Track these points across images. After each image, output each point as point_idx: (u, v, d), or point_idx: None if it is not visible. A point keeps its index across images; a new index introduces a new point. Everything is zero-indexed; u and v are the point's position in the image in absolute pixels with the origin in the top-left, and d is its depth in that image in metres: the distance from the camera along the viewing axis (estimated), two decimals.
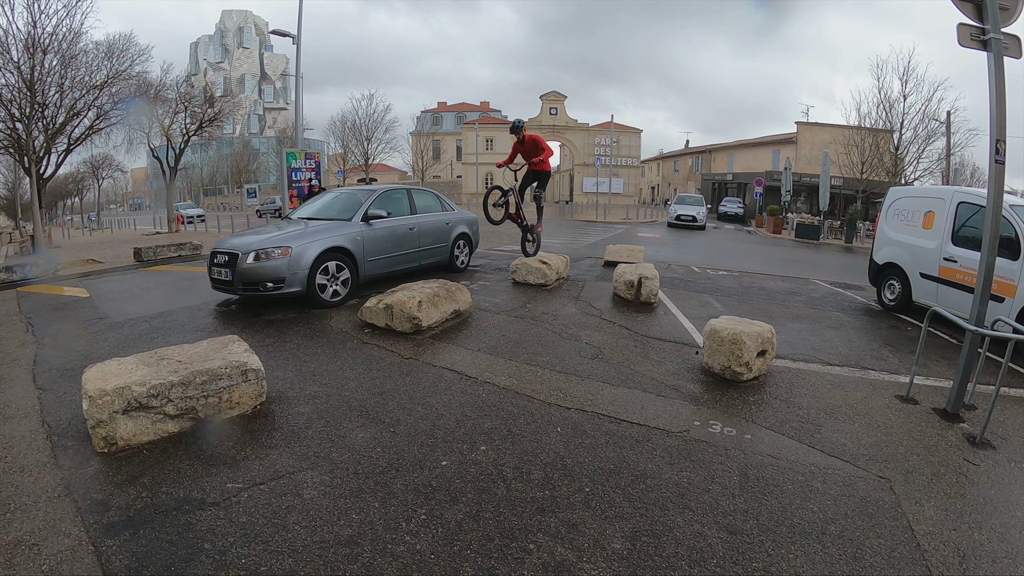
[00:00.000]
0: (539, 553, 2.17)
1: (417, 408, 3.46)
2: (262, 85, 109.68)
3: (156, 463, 2.71)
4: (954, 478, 2.97)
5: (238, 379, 3.15)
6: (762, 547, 2.27)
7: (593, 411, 3.53)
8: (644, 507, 2.51)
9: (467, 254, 8.62)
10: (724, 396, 3.89)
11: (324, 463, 2.76)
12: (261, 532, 2.22)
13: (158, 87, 21.28)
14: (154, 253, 10.89)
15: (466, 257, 8.60)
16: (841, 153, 25.81)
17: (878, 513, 2.57)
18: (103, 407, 2.71)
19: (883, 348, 5.52)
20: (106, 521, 2.26)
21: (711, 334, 4.27)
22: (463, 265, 8.48)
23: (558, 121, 47.58)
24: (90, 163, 45.55)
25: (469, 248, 8.66)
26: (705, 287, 8.38)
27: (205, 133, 24.51)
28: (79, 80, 16.97)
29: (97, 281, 8.25)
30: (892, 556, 2.27)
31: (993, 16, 3.53)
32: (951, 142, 23.14)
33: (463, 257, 8.49)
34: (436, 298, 5.22)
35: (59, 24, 15.82)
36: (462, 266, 8.43)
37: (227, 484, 2.55)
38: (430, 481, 2.63)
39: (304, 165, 14.32)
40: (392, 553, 2.12)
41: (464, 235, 8.40)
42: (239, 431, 3.05)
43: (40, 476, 2.61)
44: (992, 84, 3.55)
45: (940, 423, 3.67)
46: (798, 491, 2.71)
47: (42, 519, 2.28)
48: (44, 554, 2.08)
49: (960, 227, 6.43)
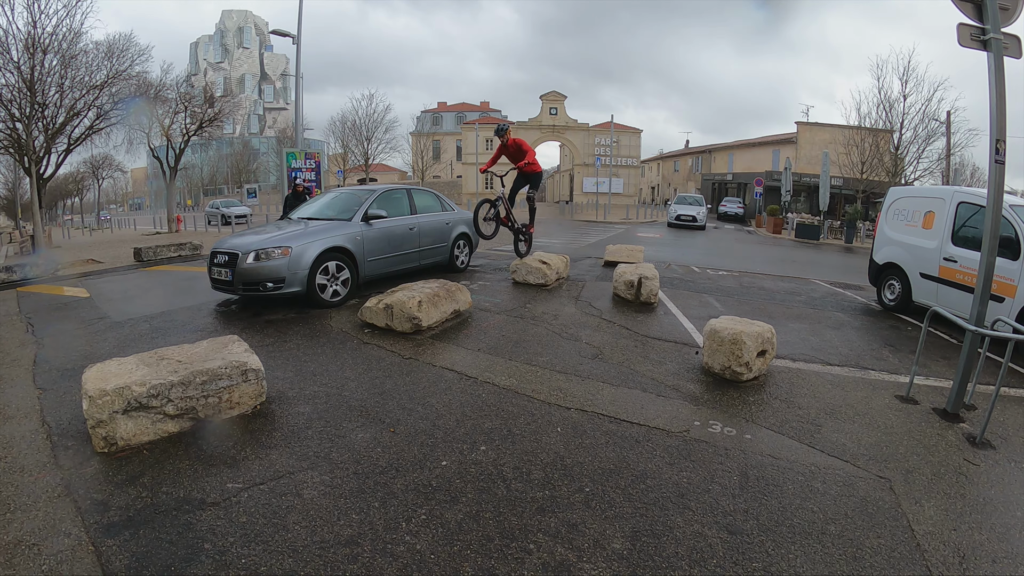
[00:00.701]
0: (539, 553, 2.16)
1: (417, 408, 3.46)
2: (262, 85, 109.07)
3: (156, 463, 2.71)
4: (954, 478, 2.96)
5: (238, 379, 3.15)
6: (762, 547, 2.27)
7: (593, 411, 3.52)
8: (644, 507, 2.51)
9: (467, 254, 8.63)
10: (724, 396, 3.89)
11: (324, 463, 2.76)
12: (261, 532, 2.21)
13: (158, 87, 21.33)
14: (154, 253, 10.90)
15: (466, 257, 8.59)
16: (841, 153, 25.78)
17: (878, 513, 2.57)
18: (103, 407, 2.71)
19: (883, 348, 5.52)
20: (106, 521, 2.26)
21: (711, 334, 4.27)
22: (463, 265, 8.48)
23: (558, 121, 47.54)
24: (90, 163, 45.49)
25: (469, 248, 8.66)
26: (705, 287, 8.38)
27: (205, 133, 24.57)
28: (79, 80, 16.98)
29: (97, 281, 8.26)
30: (892, 556, 2.27)
31: (993, 16, 3.53)
32: (951, 142, 23.13)
33: (463, 257, 8.49)
34: (436, 298, 5.22)
35: (59, 24, 15.85)
36: (462, 266, 8.44)
37: (227, 484, 2.55)
38: (430, 481, 2.63)
39: (304, 165, 14.30)
40: (392, 553, 2.12)
41: (464, 235, 8.38)
42: (239, 431, 3.05)
43: (40, 476, 2.61)
44: (992, 84, 3.55)
45: (940, 423, 3.67)
46: (798, 491, 2.71)
47: (42, 519, 2.28)
48: (44, 554, 2.07)
49: (960, 227, 6.43)
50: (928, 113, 23.18)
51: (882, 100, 24.30)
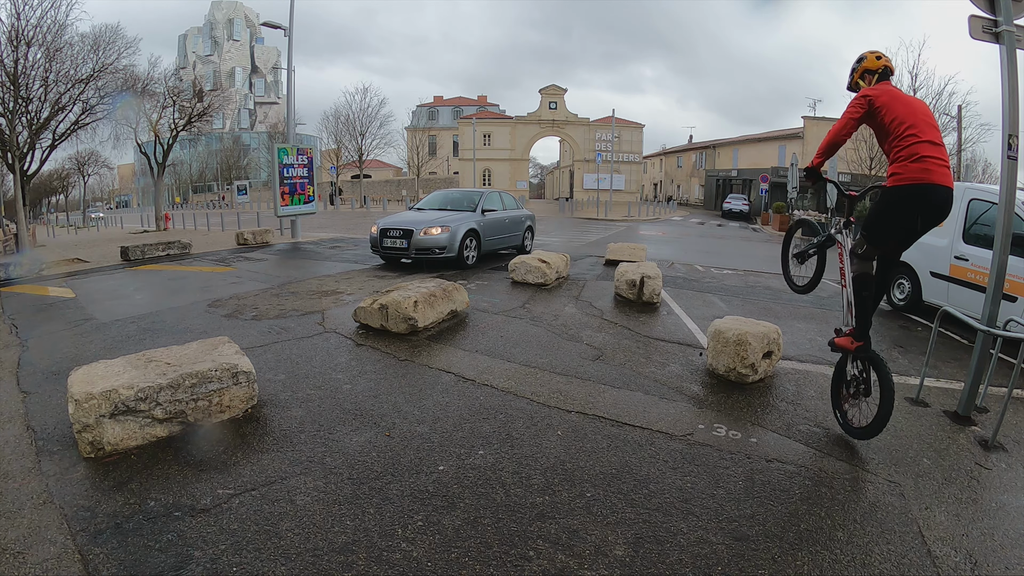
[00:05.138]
0: (539, 560, 2.11)
1: (413, 411, 3.39)
2: (252, 79, 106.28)
3: (144, 468, 2.65)
4: (966, 482, 2.89)
5: (228, 382, 3.09)
6: (768, 553, 2.21)
7: (594, 414, 3.46)
8: (647, 513, 2.45)
9: (531, 240, 11.75)
10: (729, 398, 3.82)
11: (317, 468, 2.70)
12: (253, 539, 2.16)
13: (145, 81, 20.76)
14: (142, 252, 10.75)
15: (531, 243, 11.69)
16: (849, 149, 25.38)
17: (887, 519, 2.50)
18: (89, 411, 2.65)
19: (893, 349, 5.43)
20: (93, 528, 2.21)
21: (715, 335, 4.20)
22: (528, 248, 11.19)
23: (557, 115, 47.33)
24: (76, 159, 44.54)
25: (531, 236, 11.81)
26: (709, 286, 8.30)
27: (194, 128, 23.97)
28: (64, 74, 16.52)
29: (83, 281, 8.20)
30: (902, 563, 2.21)
31: (1006, 8, 3.44)
32: (962, 137, 22.81)
33: (529, 243, 11.55)
34: (432, 298, 5.16)
35: (44, 16, 15.39)
36: (528, 249, 11.15)
37: (218, 490, 2.49)
38: (427, 486, 2.57)
39: (296, 161, 14.11)
40: (388, 561, 2.07)
41: (529, 227, 11.57)
42: (230, 435, 2.99)
43: (25, 482, 2.55)
44: (1004, 78, 3.46)
45: (951, 426, 3.60)
46: (805, 496, 2.64)
47: (27, 526, 2.22)
48: (29, 562, 2.01)
49: (971, 225, 6.33)
50: (938, 108, 22.77)
51: None
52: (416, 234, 8.45)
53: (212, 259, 10.64)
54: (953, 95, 22.99)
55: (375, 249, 9.16)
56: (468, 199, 10.15)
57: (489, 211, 9.82)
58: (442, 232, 8.51)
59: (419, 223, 8.67)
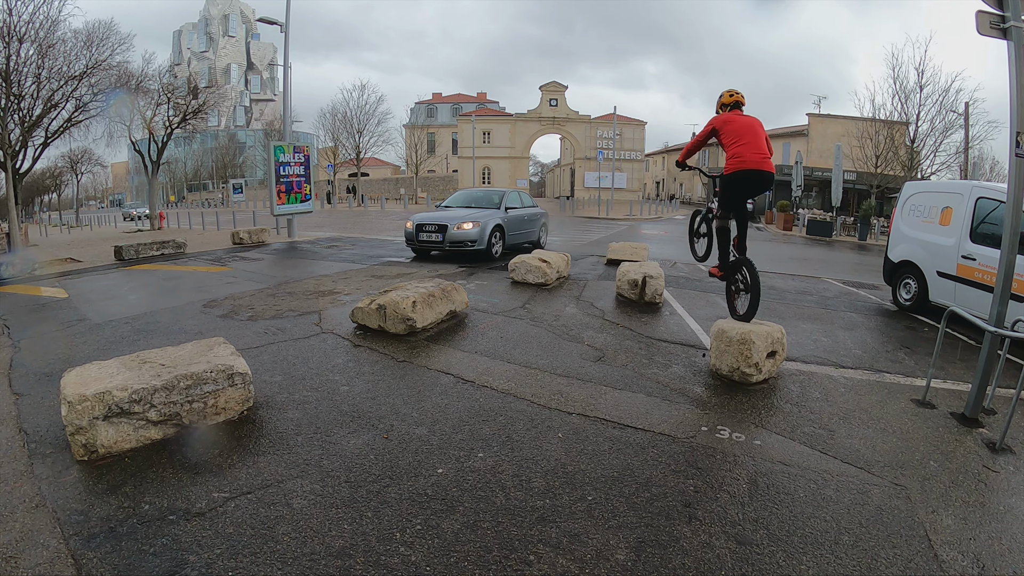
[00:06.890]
0: (539, 564, 2.08)
1: (412, 413, 3.36)
2: (248, 75, 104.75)
3: (138, 471, 2.62)
4: (973, 485, 2.85)
5: (224, 383, 3.05)
6: (772, 558, 2.18)
7: (595, 416, 3.42)
8: (649, 516, 2.41)
9: (546, 235, 12.60)
10: (732, 400, 3.78)
11: (314, 471, 2.67)
12: (249, 543, 2.13)
13: (140, 77, 20.48)
14: (136, 252, 10.68)
15: (546, 238, 12.56)
16: (854, 146, 25.15)
17: (894, 522, 2.47)
18: (83, 413, 2.61)
19: (899, 350, 5.39)
20: (86, 532, 2.18)
21: (719, 334, 4.15)
22: (544, 243, 12.22)
23: (558, 113, 47.12)
24: (69, 157, 44.08)
25: (546, 232, 12.65)
26: (712, 286, 8.24)
27: (189, 126, 23.71)
28: (57, 70, 16.26)
29: (76, 281, 8.16)
30: (908, 567, 2.17)
31: (1014, 3, 3.39)
32: (969, 135, 22.57)
33: (544, 238, 12.44)
34: (431, 298, 5.12)
35: (36, 12, 15.12)
36: (544, 245, 12.15)
37: (213, 493, 2.46)
38: (425, 490, 2.54)
39: (293, 159, 14.02)
40: (386, 565, 2.04)
41: (544, 224, 12.40)
42: (225, 438, 2.96)
43: (17, 485, 2.52)
44: (1012, 74, 3.41)
45: (958, 428, 3.55)
46: (810, 499, 2.61)
47: (19, 530, 2.19)
48: (21, 567, 1.99)
49: (979, 223, 6.26)
50: (946, 104, 22.44)
51: (897, 91, 23.39)
52: (450, 228, 9.46)
53: (207, 259, 10.61)
54: (960, 92, 22.52)
55: (410, 242, 10.16)
56: (490, 198, 11.00)
57: (511, 208, 10.75)
58: (473, 227, 9.45)
59: (452, 219, 9.61)
